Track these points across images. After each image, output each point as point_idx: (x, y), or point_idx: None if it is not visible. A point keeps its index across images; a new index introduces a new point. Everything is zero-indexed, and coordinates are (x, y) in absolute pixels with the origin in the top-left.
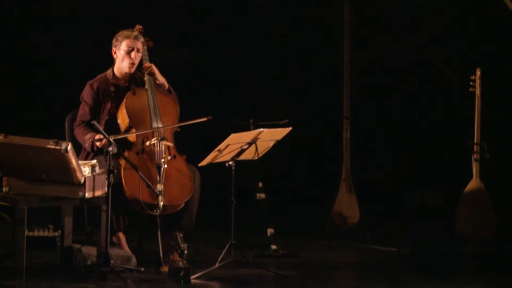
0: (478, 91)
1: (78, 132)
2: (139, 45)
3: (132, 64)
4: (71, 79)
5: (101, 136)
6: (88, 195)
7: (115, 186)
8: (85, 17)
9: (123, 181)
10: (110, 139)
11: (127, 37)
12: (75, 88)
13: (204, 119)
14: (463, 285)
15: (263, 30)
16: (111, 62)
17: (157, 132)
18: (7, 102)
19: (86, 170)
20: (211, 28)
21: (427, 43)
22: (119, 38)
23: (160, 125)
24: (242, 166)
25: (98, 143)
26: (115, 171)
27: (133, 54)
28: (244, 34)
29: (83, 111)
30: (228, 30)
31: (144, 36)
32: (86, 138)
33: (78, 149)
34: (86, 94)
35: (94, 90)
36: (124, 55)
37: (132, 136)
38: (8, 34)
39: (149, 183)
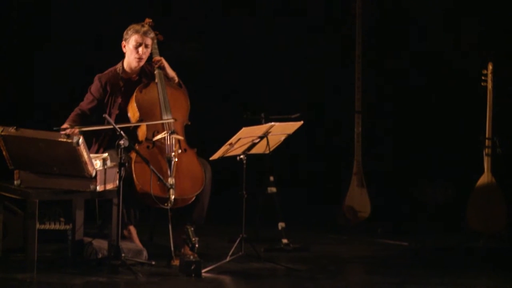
0: (490, 86)
1: (70, 116)
2: (148, 41)
3: (139, 59)
4: (82, 73)
5: (67, 126)
6: (99, 188)
7: (126, 180)
8: (95, 10)
9: (134, 175)
10: (121, 132)
11: (137, 32)
12: (85, 82)
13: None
14: (473, 279)
15: (272, 25)
16: (120, 55)
17: (167, 126)
18: (18, 96)
19: (98, 164)
20: (221, 22)
21: (438, 37)
22: (129, 32)
23: (171, 119)
24: (253, 160)
25: (62, 132)
26: (126, 164)
27: (140, 49)
28: (255, 27)
29: (86, 100)
30: (238, 23)
31: (154, 30)
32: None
33: (90, 142)
34: (93, 86)
35: (101, 84)
36: (132, 50)
37: (142, 130)
38: (14, 29)
39: (160, 177)
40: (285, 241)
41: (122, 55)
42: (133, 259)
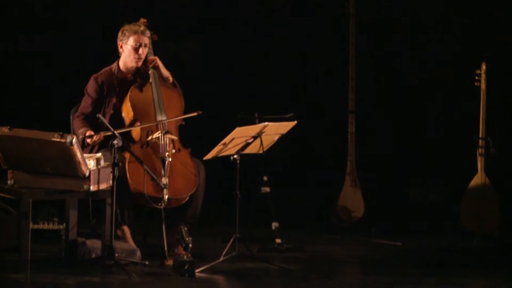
0: (483, 86)
1: (75, 123)
2: (146, 40)
3: (140, 59)
4: (76, 71)
5: (92, 133)
6: (93, 188)
7: (120, 180)
8: (88, 9)
9: (128, 175)
10: (115, 132)
11: (135, 32)
12: (80, 81)
13: (195, 113)
14: (467, 279)
15: (268, 24)
16: (115, 55)
17: (161, 126)
18: (12, 95)
19: (91, 163)
20: (216, 21)
21: (432, 36)
22: (126, 33)
23: (165, 119)
24: (247, 159)
25: (88, 140)
26: (120, 164)
27: (141, 50)
28: (250, 27)
29: (85, 103)
30: (233, 23)
31: (148, 29)
32: (79, 132)
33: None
34: (90, 87)
35: (98, 84)
36: (132, 51)
37: (136, 130)
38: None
39: (154, 177)
40: (278, 241)
41: (115, 55)
42: (127, 259)
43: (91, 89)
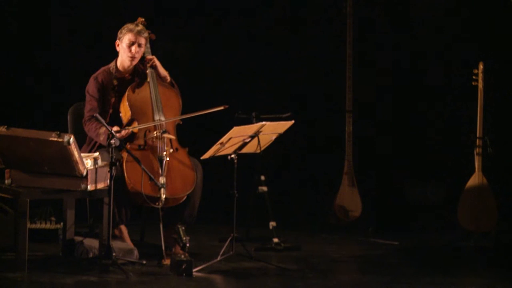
0: (480, 85)
1: (91, 127)
2: (141, 40)
3: (132, 58)
4: (73, 71)
5: (118, 128)
6: (90, 187)
7: (117, 179)
8: (87, 8)
9: (125, 174)
10: (113, 131)
11: (130, 31)
12: (77, 81)
13: (221, 107)
14: (464, 278)
15: (265, 22)
16: (112, 55)
17: (159, 125)
18: (9, 95)
19: (89, 163)
20: (213, 21)
21: (428, 36)
22: (123, 31)
23: (163, 118)
24: (244, 159)
25: (118, 135)
26: (117, 163)
27: (133, 48)
28: (246, 26)
29: (91, 105)
30: (230, 22)
31: (146, 29)
32: (101, 132)
33: (81, 141)
34: (92, 88)
35: (99, 83)
36: (125, 49)
37: (134, 129)
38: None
39: (151, 176)
40: (276, 240)
41: (114, 55)
42: (124, 259)
43: (93, 89)
